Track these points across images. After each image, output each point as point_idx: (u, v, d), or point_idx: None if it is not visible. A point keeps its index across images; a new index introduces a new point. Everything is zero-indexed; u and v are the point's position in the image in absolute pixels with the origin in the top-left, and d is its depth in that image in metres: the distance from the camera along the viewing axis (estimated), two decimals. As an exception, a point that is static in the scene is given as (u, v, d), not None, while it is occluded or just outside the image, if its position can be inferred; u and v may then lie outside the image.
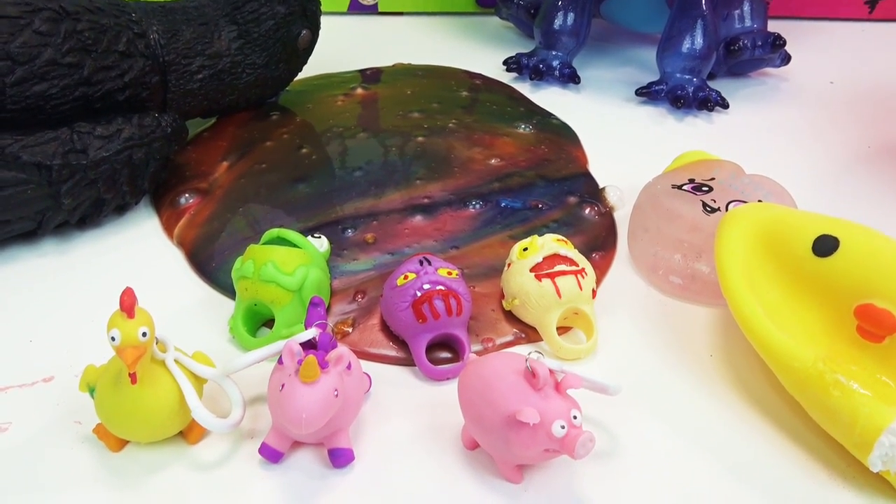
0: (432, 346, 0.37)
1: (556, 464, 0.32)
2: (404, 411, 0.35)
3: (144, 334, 0.29)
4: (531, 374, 0.29)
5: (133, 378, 0.30)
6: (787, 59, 0.63)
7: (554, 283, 0.37)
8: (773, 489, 0.32)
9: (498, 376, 0.30)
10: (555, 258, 0.38)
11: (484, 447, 0.32)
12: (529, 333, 0.39)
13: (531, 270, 0.38)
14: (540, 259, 0.38)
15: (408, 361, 0.37)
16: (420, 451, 0.33)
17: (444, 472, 0.32)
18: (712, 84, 0.61)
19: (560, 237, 0.40)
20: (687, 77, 0.59)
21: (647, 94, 0.60)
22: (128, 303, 0.29)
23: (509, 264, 0.40)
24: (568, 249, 0.39)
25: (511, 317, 0.39)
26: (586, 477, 0.32)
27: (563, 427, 0.29)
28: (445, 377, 0.36)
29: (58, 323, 0.39)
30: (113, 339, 0.29)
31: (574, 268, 0.38)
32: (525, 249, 0.39)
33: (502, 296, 0.40)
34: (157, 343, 0.32)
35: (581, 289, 0.38)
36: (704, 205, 0.42)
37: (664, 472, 0.32)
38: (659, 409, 0.35)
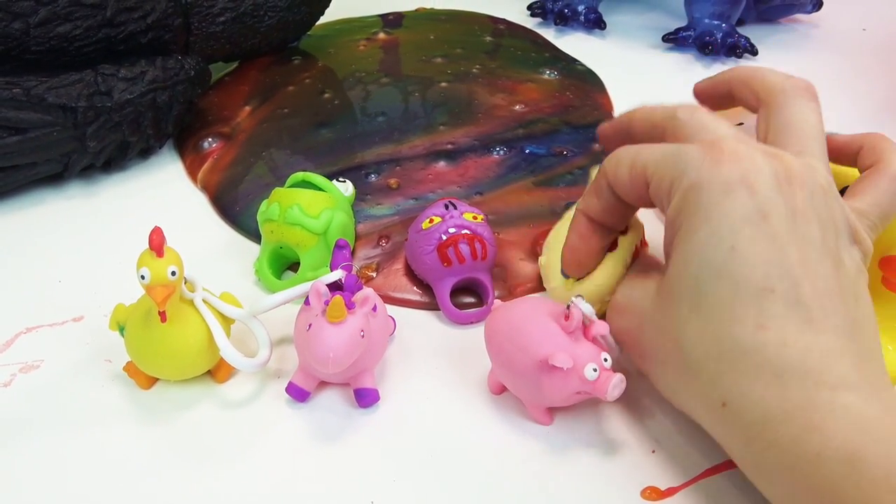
0: (456, 291, 0.37)
1: (583, 405, 0.32)
2: (428, 355, 0.35)
3: (174, 273, 0.29)
4: (566, 317, 0.30)
5: (163, 316, 0.30)
6: (818, 5, 0.61)
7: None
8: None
9: (527, 320, 0.30)
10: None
11: (513, 391, 0.32)
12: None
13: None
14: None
15: (432, 306, 0.38)
16: (445, 393, 0.34)
17: (470, 412, 0.33)
18: (741, 30, 0.59)
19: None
20: (716, 23, 0.57)
21: (675, 40, 0.59)
22: (157, 242, 0.29)
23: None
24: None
25: (535, 264, 0.39)
26: (613, 417, 0.32)
27: (595, 370, 0.29)
28: (469, 321, 0.37)
29: (85, 264, 0.40)
30: (143, 277, 0.29)
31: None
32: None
33: (534, 243, 0.40)
34: (185, 283, 0.32)
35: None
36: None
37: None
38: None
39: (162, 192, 0.45)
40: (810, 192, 0.27)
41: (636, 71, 0.57)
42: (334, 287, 0.32)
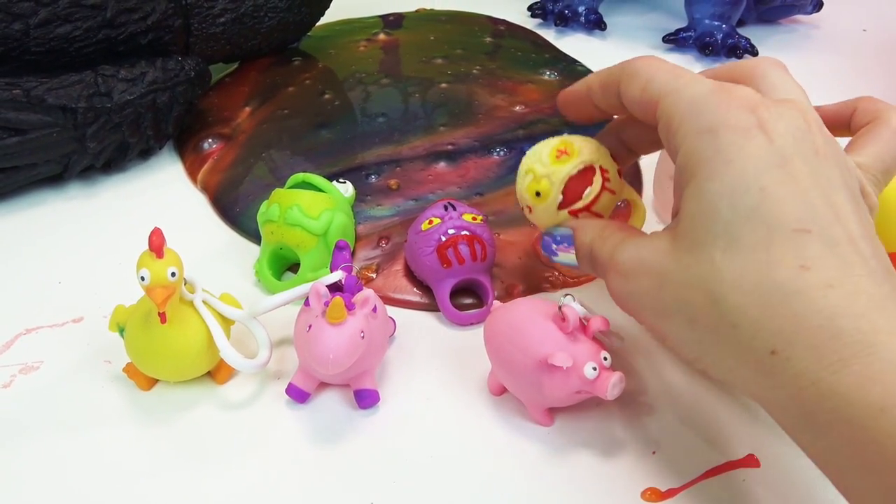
0: (455, 292, 0.37)
1: (584, 406, 0.32)
2: (428, 356, 0.35)
3: (173, 274, 0.29)
4: (561, 318, 0.30)
5: (163, 317, 0.30)
6: (818, 5, 0.61)
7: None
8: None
9: (527, 321, 0.30)
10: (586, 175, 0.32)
11: (513, 392, 0.32)
12: (554, 280, 0.39)
13: (561, 208, 0.32)
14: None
15: (431, 307, 0.38)
16: (445, 395, 0.33)
17: (470, 414, 0.33)
18: (741, 31, 0.59)
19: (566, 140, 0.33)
20: (716, 24, 0.57)
21: (675, 41, 0.59)
22: (157, 243, 0.29)
23: (529, 209, 0.33)
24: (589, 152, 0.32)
25: (535, 264, 0.39)
26: (613, 418, 0.32)
27: (594, 369, 0.29)
28: (469, 322, 0.37)
29: (85, 265, 0.40)
30: (142, 278, 0.29)
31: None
32: (538, 195, 0.32)
33: (535, 244, 0.40)
34: (185, 284, 0.32)
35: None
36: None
37: (691, 410, 0.33)
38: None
39: (162, 193, 0.45)
40: (825, 135, 0.27)
41: (636, 72, 0.57)
42: (334, 288, 0.32)
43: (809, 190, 0.25)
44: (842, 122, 0.32)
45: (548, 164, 0.32)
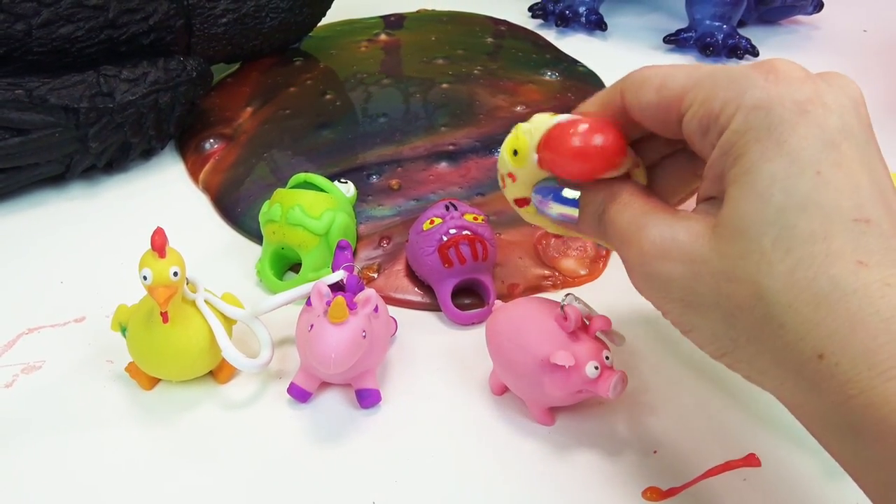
0: (457, 292, 0.37)
1: (585, 405, 0.32)
2: (430, 355, 0.35)
3: (175, 274, 0.29)
4: (563, 318, 0.30)
5: (164, 317, 0.30)
6: (819, 6, 0.61)
7: None
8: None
9: (528, 321, 0.30)
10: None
11: (515, 391, 0.32)
12: (555, 280, 0.39)
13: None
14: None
15: (433, 307, 0.38)
16: (447, 394, 0.34)
17: (471, 413, 0.33)
18: (742, 31, 0.59)
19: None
20: (717, 24, 0.57)
21: (676, 41, 0.59)
22: (159, 242, 0.29)
23: (511, 176, 0.30)
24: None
25: (537, 263, 0.39)
26: (615, 417, 0.32)
27: (596, 368, 0.29)
28: (471, 322, 0.37)
29: (87, 265, 0.40)
30: (145, 278, 0.29)
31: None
32: (515, 153, 0.29)
33: (536, 243, 0.40)
34: (187, 283, 0.32)
35: None
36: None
37: (692, 409, 0.33)
38: (687, 348, 0.35)
39: (164, 193, 0.45)
40: (867, 115, 0.25)
41: (637, 72, 0.57)
42: (336, 288, 0.32)
43: (862, 175, 0.23)
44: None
45: (534, 120, 0.29)
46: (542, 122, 0.28)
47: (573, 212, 0.29)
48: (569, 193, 0.29)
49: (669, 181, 0.30)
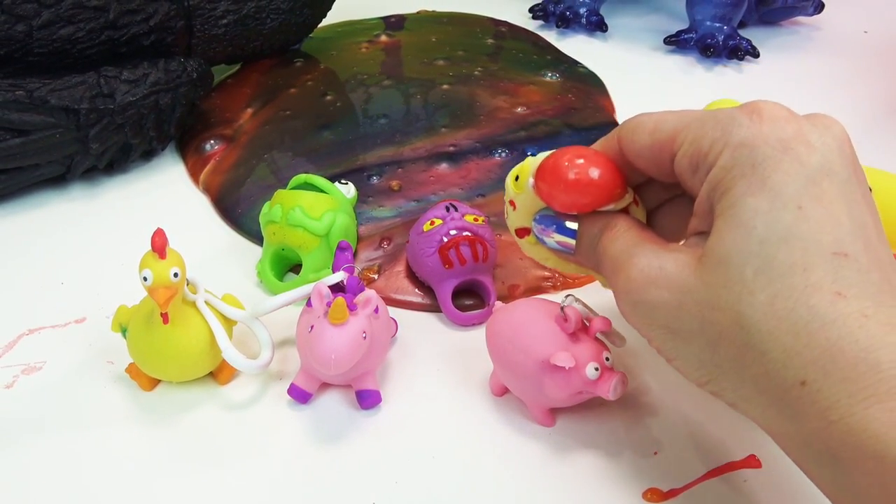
0: (457, 293, 0.37)
1: (585, 406, 0.32)
2: (430, 356, 0.35)
3: (176, 275, 0.29)
4: (563, 319, 0.30)
5: (165, 318, 0.30)
6: (820, 7, 0.61)
7: None
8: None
9: (528, 322, 0.30)
10: None
11: (515, 392, 0.32)
12: (555, 281, 0.39)
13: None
14: None
15: (433, 308, 0.38)
16: (447, 395, 0.34)
17: (472, 414, 0.33)
18: (743, 32, 0.59)
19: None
20: (717, 25, 0.57)
21: (676, 42, 0.59)
22: (159, 243, 0.29)
23: (512, 203, 0.32)
24: None
25: (537, 264, 0.39)
26: (615, 418, 0.32)
27: (596, 369, 0.29)
28: (471, 323, 0.37)
29: (88, 266, 0.40)
30: (145, 279, 0.29)
31: None
32: (517, 179, 0.31)
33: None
34: (187, 284, 0.32)
35: None
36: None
37: (693, 410, 0.33)
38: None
39: (164, 194, 0.45)
40: (853, 152, 0.26)
41: (638, 73, 0.57)
42: (336, 289, 0.32)
43: (842, 211, 0.24)
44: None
45: (543, 155, 0.30)
46: (548, 154, 0.30)
47: (572, 242, 0.30)
48: (569, 224, 0.30)
49: (669, 225, 0.31)
